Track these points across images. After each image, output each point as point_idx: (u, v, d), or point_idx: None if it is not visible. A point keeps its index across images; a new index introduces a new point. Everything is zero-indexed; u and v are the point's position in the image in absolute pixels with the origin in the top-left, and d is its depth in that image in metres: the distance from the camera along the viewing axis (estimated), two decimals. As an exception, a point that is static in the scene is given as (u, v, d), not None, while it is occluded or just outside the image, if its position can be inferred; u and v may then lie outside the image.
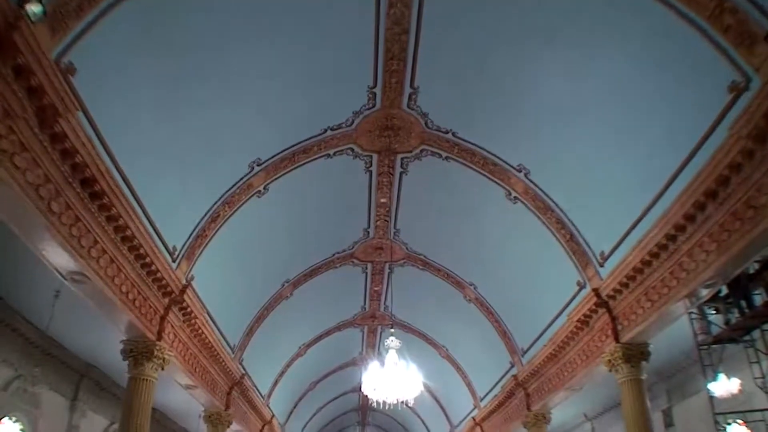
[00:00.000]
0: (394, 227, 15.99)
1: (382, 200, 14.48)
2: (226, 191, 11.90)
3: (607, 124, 9.81)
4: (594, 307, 11.88)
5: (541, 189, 12.11)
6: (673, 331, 11.27)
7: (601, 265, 11.76)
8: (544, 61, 9.56)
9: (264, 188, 12.49)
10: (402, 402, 12.55)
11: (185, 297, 11.63)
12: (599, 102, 9.59)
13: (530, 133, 11.16)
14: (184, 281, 11.69)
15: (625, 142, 9.74)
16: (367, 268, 18.19)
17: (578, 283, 12.68)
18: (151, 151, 9.62)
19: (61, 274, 8.70)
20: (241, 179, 11.97)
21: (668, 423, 16.10)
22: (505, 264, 15.19)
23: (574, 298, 12.98)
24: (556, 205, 12.09)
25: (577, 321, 12.60)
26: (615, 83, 9.13)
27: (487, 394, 21.02)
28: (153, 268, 10.28)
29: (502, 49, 9.63)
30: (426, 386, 20.35)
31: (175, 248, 11.40)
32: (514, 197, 12.63)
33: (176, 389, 14.37)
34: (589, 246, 11.96)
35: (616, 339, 11.36)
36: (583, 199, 11.42)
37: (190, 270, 12.05)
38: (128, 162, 9.17)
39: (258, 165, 11.96)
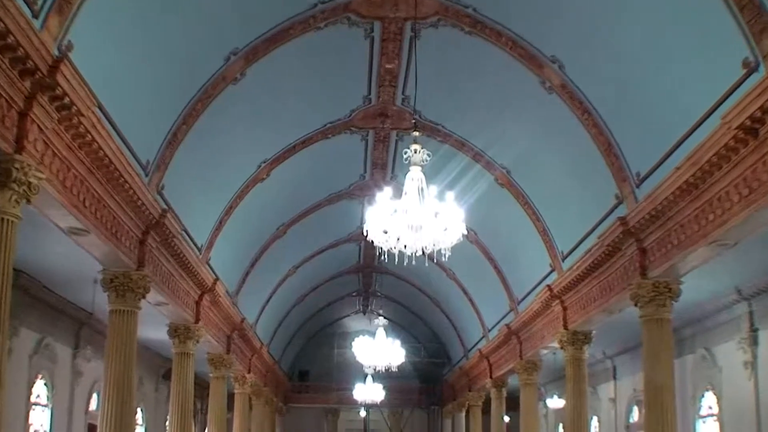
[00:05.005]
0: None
1: None
2: None
3: None
4: (772, 105, 11.87)
5: None
6: None
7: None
8: None
9: None
10: (430, 255, 12.84)
11: (59, 79, 11.51)
12: None
13: None
14: (55, 52, 11.60)
15: None
16: (372, 30, 18.19)
17: (745, 63, 12.50)
18: None
19: None
20: None
21: None
22: (612, 26, 15.17)
23: (736, 88, 12.87)
24: None
25: (738, 128, 12.46)
26: None
27: (573, 249, 21.78)
28: (-1, 28, 10.23)
29: None
30: (471, 233, 20.77)
31: (36, -8, 11.26)
32: None
33: (54, 236, 14.79)
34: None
35: (807, 160, 11.49)
36: None
37: (66, 32, 11.94)
38: None
39: None
